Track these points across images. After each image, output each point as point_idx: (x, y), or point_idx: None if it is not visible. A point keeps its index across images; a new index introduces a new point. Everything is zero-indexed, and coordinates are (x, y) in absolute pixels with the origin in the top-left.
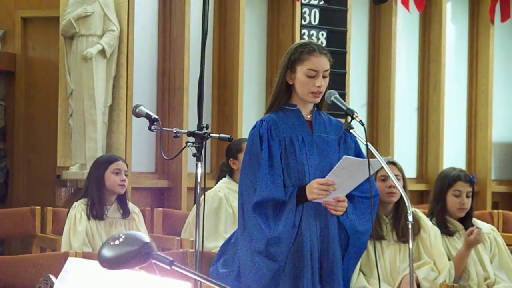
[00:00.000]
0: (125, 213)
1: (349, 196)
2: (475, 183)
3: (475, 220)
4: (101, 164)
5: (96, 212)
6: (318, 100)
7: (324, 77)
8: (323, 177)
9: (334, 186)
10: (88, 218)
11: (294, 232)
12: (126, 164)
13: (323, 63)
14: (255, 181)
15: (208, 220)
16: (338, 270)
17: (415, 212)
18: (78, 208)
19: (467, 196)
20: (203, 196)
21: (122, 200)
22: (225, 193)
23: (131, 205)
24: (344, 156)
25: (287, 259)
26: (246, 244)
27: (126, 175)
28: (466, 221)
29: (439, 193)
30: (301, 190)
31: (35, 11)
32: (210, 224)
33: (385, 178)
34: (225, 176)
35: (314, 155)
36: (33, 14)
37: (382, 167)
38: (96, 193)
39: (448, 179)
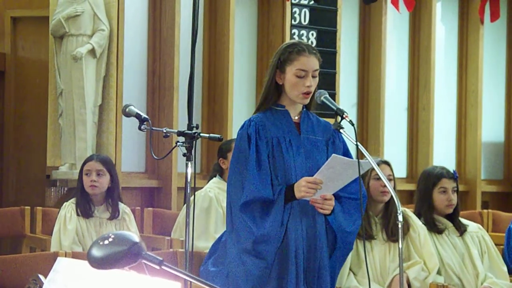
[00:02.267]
0: (113, 213)
1: (337, 197)
2: (458, 177)
3: (461, 219)
4: (81, 165)
5: (81, 211)
6: (307, 101)
7: (313, 77)
8: None
9: (321, 185)
10: (78, 215)
11: (282, 230)
12: (105, 163)
13: (313, 63)
14: (243, 181)
15: (198, 220)
16: (325, 270)
17: (405, 211)
18: (69, 208)
19: (453, 192)
20: (193, 196)
21: (112, 200)
22: (215, 193)
23: (121, 206)
24: (333, 154)
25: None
26: (234, 243)
27: (100, 174)
28: (454, 218)
29: (424, 193)
30: (289, 188)
31: (25, 10)
32: (200, 224)
33: (380, 177)
34: (215, 176)
35: (301, 157)
36: (23, 13)
37: (373, 167)
38: (80, 193)
39: (432, 178)
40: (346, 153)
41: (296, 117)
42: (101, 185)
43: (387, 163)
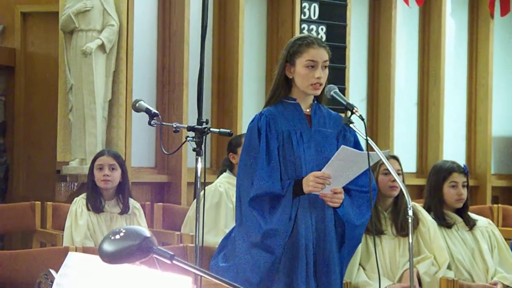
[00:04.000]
0: (124, 208)
1: (346, 190)
2: (468, 172)
3: (471, 214)
4: (92, 160)
5: (92, 206)
6: (318, 92)
7: (323, 68)
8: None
9: (331, 178)
10: (88, 210)
11: (290, 225)
12: (116, 157)
13: (322, 54)
14: (252, 175)
15: (208, 215)
16: (334, 264)
17: (414, 206)
18: (79, 203)
19: (463, 186)
20: (203, 191)
21: (122, 195)
22: (225, 188)
23: (131, 201)
24: (342, 146)
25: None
26: (243, 236)
27: (113, 169)
28: (463, 213)
29: (434, 187)
30: (298, 183)
31: (34, 6)
32: (210, 219)
33: (388, 172)
34: (225, 171)
35: (311, 150)
36: (32, 9)
37: (381, 161)
38: (91, 188)
39: (443, 172)
40: (357, 146)
41: (308, 110)
42: (114, 179)
43: (395, 158)
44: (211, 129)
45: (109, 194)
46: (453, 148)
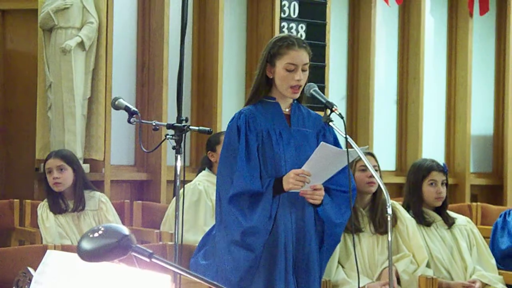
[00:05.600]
0: (77, 205)
1: (326, 189)
2: (448, 171)
3: (450, 212)
4: (43, 164)
5: (54, 208)
6: (297, 95)
7: (303, 70)
8: None
9: (311, 175)
10: (54, 213)
11: (271, 223)
12: (63, 157)
13: (302, 56)
14: (232, 173)
15: (187, 213)
16: (314, 262)
17: (393, 204)
18: (44, 207)
19: (442, 185)
20: (182, 189)
21: (76, 193)
22: (204, 186)
23: (98, 194)
24: (322, 142)
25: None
26: (223, 235)
27: (62, 169)
28: (442, 211)
29: (414, 185)
30: (278, 181)
31: (13, 3)
32: (190, 217)
33: (365, 168)
34: (204, 169)
35: (291, 149)
36: (11, 6)
37: (359, 158)
38: (48, 192)
39: (422, 170)
40: (336, 145)
41: (287, 109)
42: (65, 181)
43: (371, 154)
44: (191, 127)
45: (68, 194)
46: (432, 146)
